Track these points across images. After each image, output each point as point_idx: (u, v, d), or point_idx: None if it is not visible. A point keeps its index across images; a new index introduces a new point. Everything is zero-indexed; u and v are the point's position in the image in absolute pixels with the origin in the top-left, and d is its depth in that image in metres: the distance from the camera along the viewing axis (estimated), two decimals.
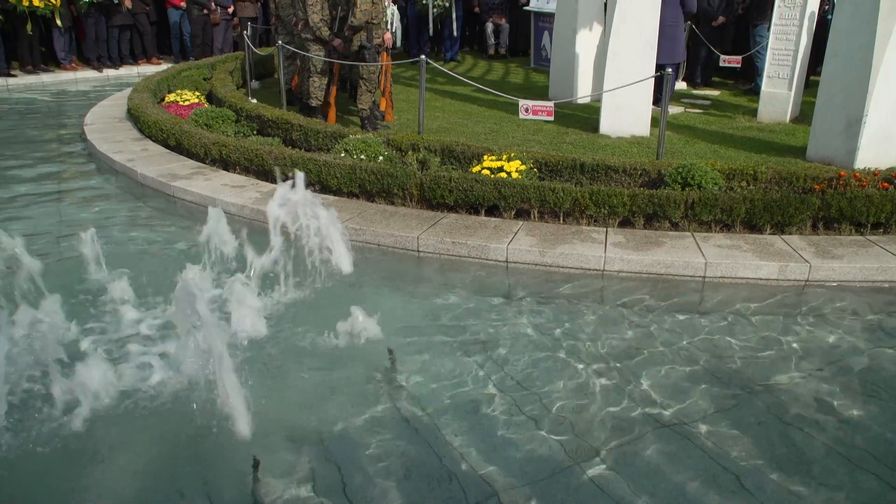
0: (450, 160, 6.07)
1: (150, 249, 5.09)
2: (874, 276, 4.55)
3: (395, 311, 4.10)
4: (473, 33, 13.97)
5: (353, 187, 5.72)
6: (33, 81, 11.48)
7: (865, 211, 4.98)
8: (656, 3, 7.08)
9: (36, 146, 7.99)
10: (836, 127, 6.18)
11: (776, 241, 4.91)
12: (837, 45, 6.12)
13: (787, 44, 7.67)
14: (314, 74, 7.69)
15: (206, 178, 6.32)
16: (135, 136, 7.81)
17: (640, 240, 4.93)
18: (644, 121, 7.37)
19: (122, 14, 12.28)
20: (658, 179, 5.50)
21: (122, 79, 12.07)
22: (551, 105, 6.43)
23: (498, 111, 8.56)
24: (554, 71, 9.45)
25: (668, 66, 6.63)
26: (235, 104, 7.86)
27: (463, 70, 11.78)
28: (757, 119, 8.07)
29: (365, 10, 7.09)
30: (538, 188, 5.20)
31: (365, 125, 7.55)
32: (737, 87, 10.12)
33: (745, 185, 5.43)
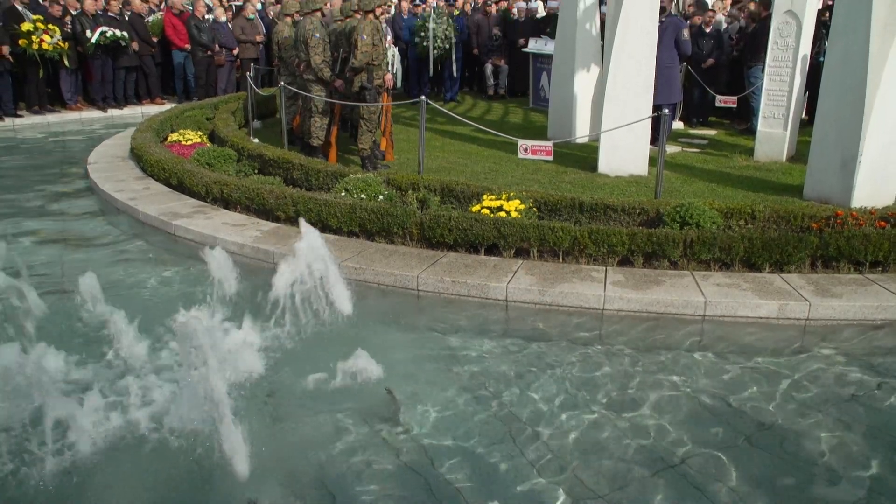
0: (449, 199, 6.12)
1: (149, 288, 5.10)
2: (874, 314, 4.55)
3: (394, 351, 4.09)
4: (473, 74, 14.17)
5: (354, 226, 5.75)
6: (39, 121, 11.62)
7: (863, 249, 5.00)
8: (652, 45, 7.21)
9: (39, 184, 8.05)
10: (832, 166, 6.24)
11: (775, 280, 4.92)
12: (830, 86, 6.22)
13: (780, 85, 7.79)
14: (315, 114, 7.79)
15: (207, 217, 6.36)
16: (137, 174, 7.88)
17: (640, 278, 4.94)
18: (642, 160, 7.44)
19: (129, 56, 12.48)
20: (656, 218, 5.53)
21: (126, 118, 12.21)
22: (550, 145, 6.50)
23: (497, 151, 8.64)
24: (552, 111, 9.57)
25: (664, 107, 6.71)
26: (237, 144, 7.95)
27: (462, 110, 11.92)
28: (754, 158, 8.15)
29: (366, 52, 7.21)
30: (537, 227, 5.23)
31: (365, 165, 7.62)
32: (733, 126, 10.24)
33: (743, 223, 5.46)
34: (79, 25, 11.69)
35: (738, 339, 4.36)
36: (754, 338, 4.37)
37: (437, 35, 12.23)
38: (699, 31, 9.97)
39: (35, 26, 11.03)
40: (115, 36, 11.85)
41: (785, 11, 7.58)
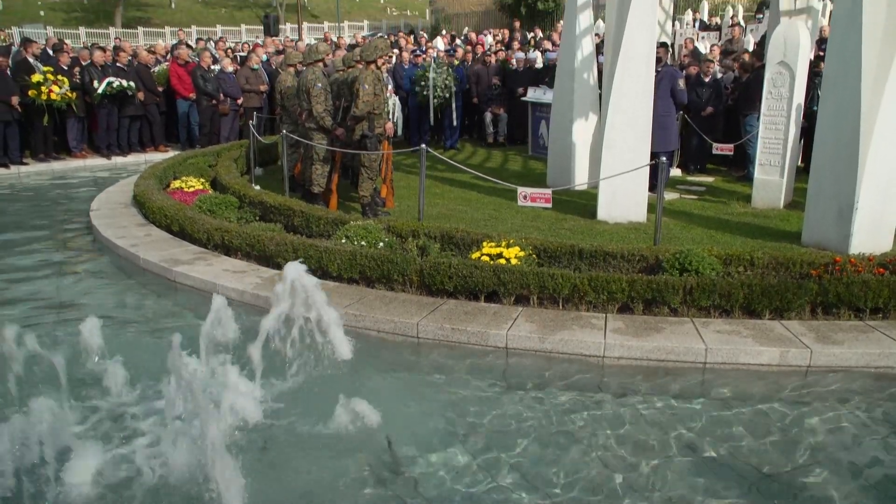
0: (449, 246, 6.14)
1: (147, 334, 5.09)
2: (876, 361, 4.53)
3: (393, 399, 4.06)
4: (472, 122, 14.34)
5: (354, 273, 5.77)
6: (44, 169, 11.74)
7: (863, 296, 5.01)
8: (648, 95, 7.33)
9: (42, 230, 8.11)
10: (829, 213, 6.29)
11: (776, 327, 4.91)
12: (824, 135, 6.30)
13: (776, 133, 7.89)
14: (317, 162, 7.88)
15: (208, 264, 6.38)
16: (139, 221, 7.93)
17: (640, 325, 4.93)
18: (641, 207, 7.50)
19: (135, 105, 12.68)
20: (656, 265, 5.55)
21: (129, 166, 12.33)
22: (549, 192, 6.56)
23: (497, 198, 8.71)
24: (551, 158, 9.67)
25: (662, 154, 6.81)
26: (239, 191, 8.02)
27: (462, 158, 12.05)
28: (751, 205, 8.21)
29: (367, 101, 7.32)
30: (537, 274, 5.24)
31: (366, 212, 7.67)
32: (730, 173, 10.33)
33: (742, 270, 5.47)
34: (87, 76, 11.92)
35: (740, 386, 4.33)
36: (756, 385, 4.34)
37: (437, 84, 12.44)
38: (697, 80, 10.15)
39: (45, 77, 11.24)
40: (122, 86, 12.07)
41: (778, 62, 7.73)
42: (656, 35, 7.79)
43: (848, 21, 5.96)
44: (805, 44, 7.72)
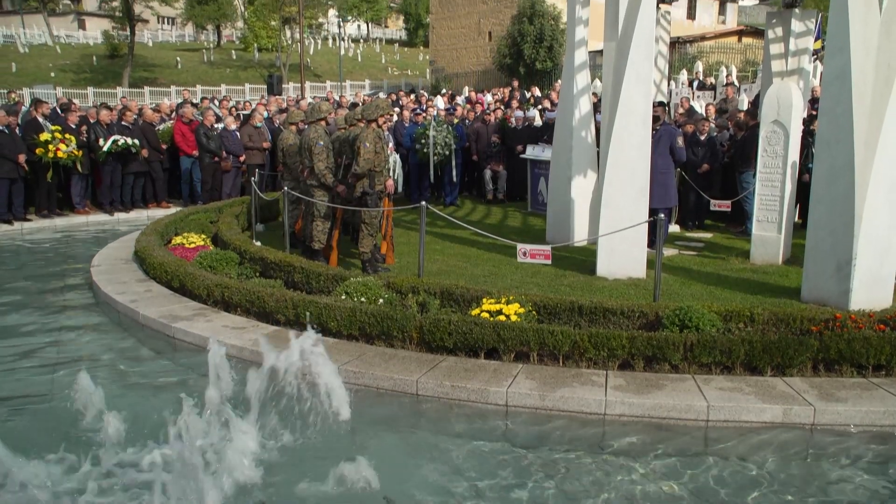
0: (449, 303, 6.14)
1: (144, 391, 5.04)
2: (881, 419, 4.48)
3: (392, 458, 4.01)
4: (472, 179, 14.50)
5: (354, 330, 5.75)
6: (47, 225, 11.83)
7: (865, 353, 4.99)
8: (646, 152, 7.44)
9: (42, 286, 8.11)
10: (828, 270, 6.31)
11: (778, 384, 4.88)
12: (820, 192, 6.37)
13: (772, 190, 7.98)
14: (317, 218, 7.94)
15: (208, 320, 6.37)
16: (140, 277, 7.95)
17: (641, 382, 4.89)
18: (640, 263, 7.53)
19: (138, 162, 12.86)
20: (656, 321, 5.54)
21: (132, 222, 12.42)
22: (548, 249, 6.59)
23: (497, 254, 8.74)
24: (551, 215, 9.75)
25: (660, 211, 6.87)
26: (239, 247, 8.06)
27: (462, 214, 12.15)
28: (750, 261, 8.24)
29: (368, 159, 7.43)
30: (537, 331, 5.23)
31: (366, 268, 7.69)
32: (728, 229, 10.40)
33: (742, 326, 5.46)
34: (93, 134, 12.12)
35: (743, 444, 4.27)
36: (760, 443, 4.28)
37: (437, 142, 12.62)
38: (693, 138, 10.32)
39: (53, 136, 11.44)
40: (126, 144, 12.27)
41: (772, 121, 7.87)
42: (652, 94, 7.95)
43: (839, 83, 6.10)
44: (798, 104, 7.88)
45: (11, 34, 53.51)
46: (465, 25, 39.35)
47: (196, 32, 62.50)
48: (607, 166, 7.48)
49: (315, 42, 60.18)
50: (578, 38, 9.09)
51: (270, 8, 47.77)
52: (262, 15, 50.13)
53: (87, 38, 56.97)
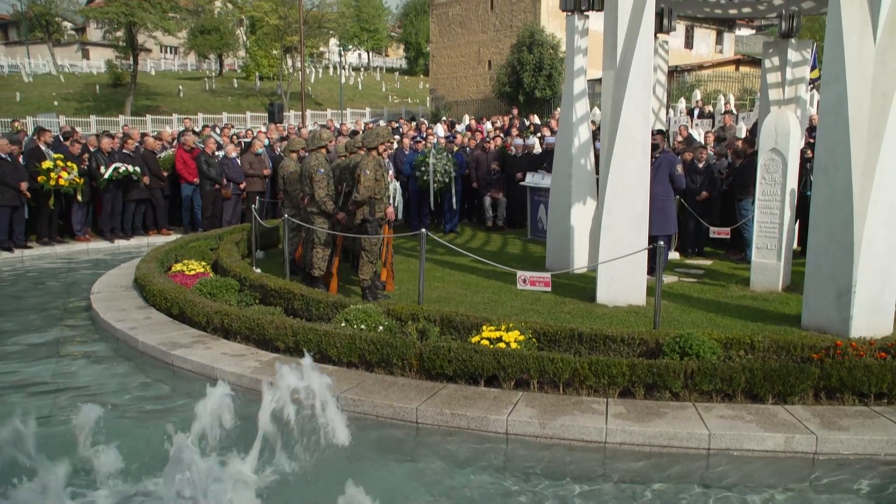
0: (449, 330, 6.13)
1: (141, 419, 5.01)
2: (885, 448, 4.45)
3: (392, 488, 3.97)
4: (472, 206, 14.56)
5: (353, 357, 5.73)
6: (47, 252, 11.83)
7: (866, 381, 4.96)
8: (645, 179, 7.48)
9: (42, 314, 8.10)
10: (827, 297, 6.31)
11: (779, 412, 4.85)
12: (818, 220, 6.40)
13: (771, 217, 8.01)
14: (318, 246, 7.95)
15: (207, 347, 6.35)
16: (139, 304, 7.94)
17: (642, 410, 4.86)
18: (640, 290, 7.52)
19: (139, 189, 12.92)
20: (656, 349, 5.53)
21: (132, 249, 12.43)
22: (548, 276, 6.59)
23: (496, 281, 8.74)
24: (550, 242, 9.77)
25: (660, 238, 6.89)
26: (239, 274, 8.06)
27: (462, 241, 12.17)
28: (750, 288, 8.24)
29: (368, 187, 7.46)
30: (537, 358, 5.21)
31: (366, 295, 7.69)
32: (728, 257, 10.42)
33: (742, 354, 5.44)
34: (95, 162, 12.19)
35: (745, 473, 4.23)
36: (762, 472, 4.25)
37: (437, 169, 12.69)
38: (692, 166, 10.38)
39: (55, 164, 11.50)
40: (128, 171, 12.33)
41: (770, 149, 7.93)
42: (651, 122, 8.02)
43: (835, 111, 6.16)
44: (795, 132, 7.94)
45: (17, 64, 54.17)
46: (465, 54, 39.81)
47: (198, 61, 63.20)
48: (607, 194, 7.51)
49: (316, 70, 60.82)
50: (577, 67, 9.19)
51: (272, 37, 48.37)
52: (263, 44, 50.75)
53: (90, 68, 57.63)
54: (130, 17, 39.00)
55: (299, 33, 39.70)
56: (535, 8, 34.75)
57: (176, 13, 43.60)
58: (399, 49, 76.24)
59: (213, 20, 54.42)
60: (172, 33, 45.21)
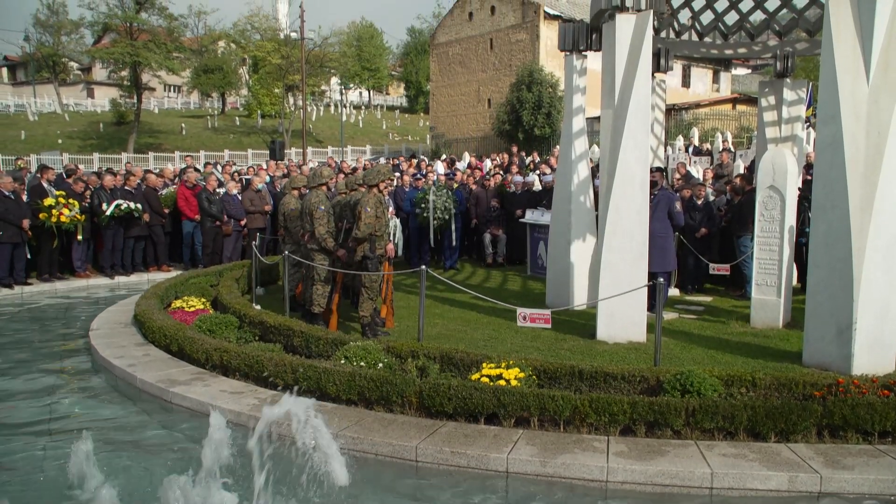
0: (449, 367, 6.10)
1: (138, 457, 4.96)
2: (891, 488, 4.40)
3: None
4: (472, 243, 14.59)
5: (352, 395, 5.70)
6: (47, 289, 11.83)
7: (870, 419, 4.93)
8: (644, 216, 7.52)
9: (40, 351, 8.07)
10: (828, 334, 6.29)
11: (782, 450, 4.80)
12: (818, 257, 6.41)
13: (770, 254, 8.03)
14: (318, 282, 7.96)
15: (205, 384, 6.31)
16: (138, 341, 7.91)
17: (643, 449, 4.82)
18: (640, 327, 7.51)
19: (140, 226, 12.98)
20: (657, 386, 5.50)
21: (132, 285, 12.44)
22: (548, 313, 6.59)
23: (496, 318, 8.73)
24: (550, 279, 9.78)
25: (660, 275, 6.89)
26: (239, 310, 8.05)
27: (462, 278, 12.18)
28: (750, 324, 8.22)
29: (369, 223, 7.50)
30: (537, 396, 5.18)
31: (365, 332, 7.67)
32: (728, 293, 10.42)
33: (744, 391, 5.41)
34: (97, 199, 12.27)
35: None
36: None
37: (437, 206, 12.76)
38: (691, 203, 10.45)
39: (57, 201, 11.58)
40: (129, 208, 12.41)
41: (768, 186, 7.99)
42: (649, 159, 8.09)
43: (831, 150, 6.22)
44: (793, 169, 8.01)
45: (23, 103, 54.94)
46: (465, 93, 40.31)
47: (201, 100, 64.02)
48: (606, 231, 7.54)
49: (317, 108, 61.54)
50: (576, 106, 9.31)
51: (274, 76, 49.02)
52: (266, 83, 51.41)
53: (94, 106, 58.38)
54: (135, 57, 39.61)
55: (301, 72, 40.29)
56: (533, 47, 35.29)
57: (180, 53, 44.29)
58: (400, 87, 77.23)
59: (216, 59, 55.28)
60: (176, 72, 45.87)
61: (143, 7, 40.67)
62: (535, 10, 35.16)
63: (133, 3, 40.47)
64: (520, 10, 36.01)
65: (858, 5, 6.12)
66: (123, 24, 40.88)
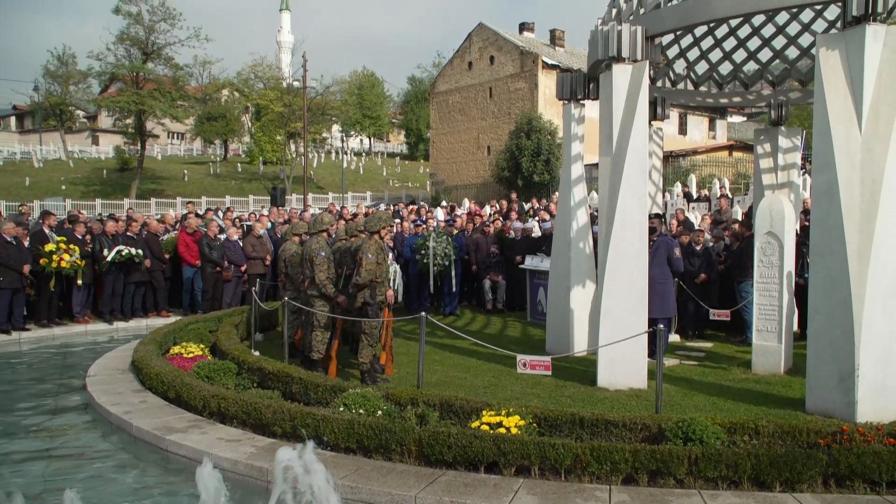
0: (448, 415, 6.05)
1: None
2: None
3: None
4: (472, 289, 14.58)
5: (351, 443, 5.63)
6: (45, 335, 11.79)
7: (877, 468, 4.85)
8: (643, 262, 7.55)
9: (36, 397, 8.00)
10: (831, 380, 6.25)
11: (788, 500, 4.73)
12: (818, 303, 6.41)
13: (770, 300, 8.03)
14: (317, 329, 7.94)
15: (202, 432, 6.24)
16: (135, 387, 7.85)
17: (646, 498, 4.74)
18: (641, 374, 7.46)
19: (140, 272, 13.00)
20: (659, 434, 5.43)
21: (131, 331, 12.40)
22: (548, 360, 6.55)
23: (496, 364, 8.68)
24: (550, 325, 9.75)
25: (660, 321, 6.88)
26: (238, 357, 8.01)
27: (462, 324, 12.14)
28: (752, 371, 8.17)
29: (370, 270, 7.52)
30: (538, 444, 5.12)
31: (364, 379, 7.62)
32: (728, 339, 10.37)
33: (747, 439, 5.35)
34: (98, 244, 12.33)
35: None
36: None
37: (437, 253, 12.80)
38: (689, 249, 10.49)
39: (57, 247, 11.63)
40: (130, 254, 12.45)
41: (766, 232, 8.03)
42: (648, 205, 8.16)
43: (827, 197, 6.28)
44: (790, 215, 8.07)
45: (29, 151, 55.67)
46: (465, 140, 40.81)
47: (204, 146, 64.79)
48: (606, 277, 7.56)
49: (318, 155, 62.23)
50: (574, 153, 9.42)
51: (276, 124, 49.72)
52: (268, 130, 52.11)
53: (99, 153, 59.15)
54: (141, 105, 40.26)
55: (303, 120, 40.87)
56: (532, 96, 35.88)
57: (184, 101, 45.02)
58: (400, 135, 78.22)
59: (219, 107, 56.13)
60: (180, 120, 46.54)
61: (150, 57, 41.50)
62: (534, 60, 35.87)
63: (140, 53, 41.31)
64: (518, 60, 36.72)
65: (847, 58, 6.25)
66: (130, 73, 41.67)
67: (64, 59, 56.11)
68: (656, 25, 7.56)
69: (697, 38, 10.72)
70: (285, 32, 79.05)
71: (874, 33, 6.09)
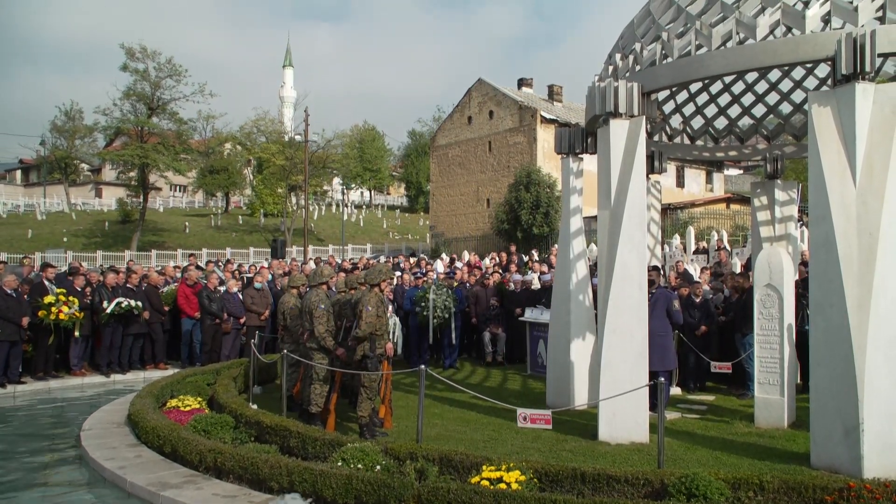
0: (448, 470, 5.96)
1: None
2: None
3: None
4: (471, 341, 14.52)
5: (349, 499, 5.54)
6: (41, 388, 11.68)
7: None
8: (643, 315, 7.54)
9: (30, 452, 7.88)
10: (835, 435, 6.17)
11: None
12: (819, 355, 6.38)
13: (771, 352, 7.99)
14: (316, 382, 7.88)
15: (198, 487, 6.14)
16: (131, 441, 7.75)
17: None
18: (642, 427, 7.38)
19: (139, 323, 12.96)
20: (661, 489, 5.34)
21: (128, 384, 12.28)
22: (549, 413, 6.49)
23: (496, 418, 8.58)
24: (550, 378, 9.68)
25: (660, 374, 6.83)
26: (235, 410, 7.93)
27: (461, 377, 12.05)
28: (755, 424, 8.07)
29: (370, 322, 7.51)
30: (539, 500, 5.03)
31: (363, 433, 7.53)
32: (730, 392, 10.27)
33: (751, 495, 5.25)
34: (98, 296, 12.33)
35: None
36: None
37: (437, 305, 12.79)
38: (688, 301, 10.49)
39: (57, 299, 11.63)
40: (130, 306, 12.44)
41: (765, 285, 8.05)
42: (646, 258, 8.19)
43: (825, 250, 6.32)
44: (789, 268, 8.09)
45: (32, 203, 56.16)
46: (464, 193, 41.18)
47: (205, 199, 65.34)
48: (605, 330, 7.54)
49: (319, 208, 62.70)
50: (573, 206, 9.51)
51: (278, 176, 50.24)
52: (269, 183, 52.63)
53: (101, 205, 59.64)
54: (144, 158, 40.79)
55: (304, 173, 41.32)
56: (531, 150, 36.37)
57: (187, 155, 45.62)
58: (400, 188, 78.95)
59: (222, 161, 56.83)
60: (183, 173, 47.06)
61: (155, 112, 42.24)
62: (532, 115, 36.48)
63: (146, 108, 42.06)
64: (517, 115, 37.35)
65: (839, 114, 6.38)
66: (135, 128, 42.36)
67: (71, 115, 57.11)
68: (652, 82, 7.73)
69: (692, 94, 10.94)
70: (288, 87, 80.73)
71: (863, 91, 6.23)
